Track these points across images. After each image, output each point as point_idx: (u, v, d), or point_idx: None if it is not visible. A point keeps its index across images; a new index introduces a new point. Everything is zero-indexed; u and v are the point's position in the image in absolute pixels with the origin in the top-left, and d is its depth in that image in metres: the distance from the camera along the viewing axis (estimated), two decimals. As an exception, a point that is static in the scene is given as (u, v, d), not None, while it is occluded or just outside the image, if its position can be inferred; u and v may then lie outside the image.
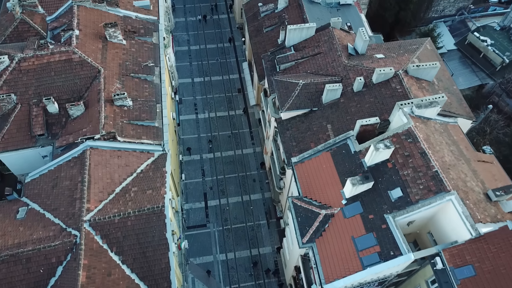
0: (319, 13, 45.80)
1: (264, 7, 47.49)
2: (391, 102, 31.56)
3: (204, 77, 57.61)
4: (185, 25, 63.41)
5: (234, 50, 60.19)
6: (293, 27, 37.46)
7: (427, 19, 57.52)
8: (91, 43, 34.10)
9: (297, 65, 37.62)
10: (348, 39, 38.41)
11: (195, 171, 48.76)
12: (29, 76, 31.99)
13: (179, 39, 61.48)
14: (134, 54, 35.96)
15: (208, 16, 64.40)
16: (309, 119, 34.33)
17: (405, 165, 27.22)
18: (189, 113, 53.78)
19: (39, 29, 39.79)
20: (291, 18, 44.95)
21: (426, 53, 36.96)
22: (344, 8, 47.68)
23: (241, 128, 52.82)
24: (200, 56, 59.69)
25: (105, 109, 30.87)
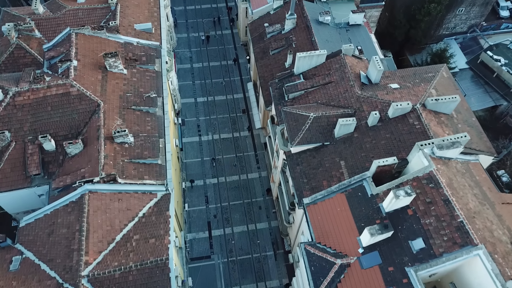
0: (328, 35, 43.97)
1: (271, 27, 45.66)
2: (409, 139, 29.71)
3: (208, 96, 55.74)
4: (187, 41, 61.56)
5: (238, 68, 58.29)
6: (303, 54, 35.60)
7: (437, 36, 55.71)
8: (90, 74, 32.25)
9: (307, 94, 35.77)
10: (360, 66, 36.57)
11: (199, 198, 46.86)
12: (24, 112, 30.14)
13: (181, 56, 59.63)
14: (135, 84, 34.11)
15: (212, 32, 62.57)
16: (320, 154, 32.46)
17: (427, 213, 25.34)
18: (192, 135, 51.89)
19: (35, 54, 37.98)
20: (299, 40, 43.12)
21: (443, 82, 35.12)
22: (354, 28, 45.88)
23: (246, 151, 50.94)
24: (203, 74, 57.83)
25: (104, 147, 29.01)
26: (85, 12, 40.52)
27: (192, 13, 65.24)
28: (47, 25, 40.01)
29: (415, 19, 51.24)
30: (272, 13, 47.14)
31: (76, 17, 40.42)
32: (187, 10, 65.78)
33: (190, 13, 65.31)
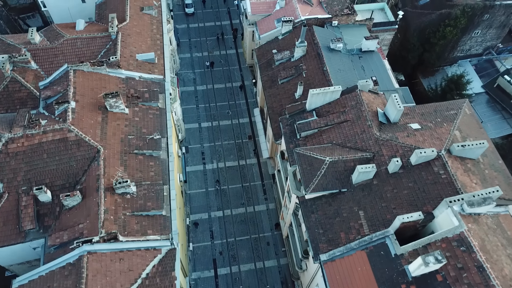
0: (340, 63, 41.72)
1: (279, 54, 43.43)
2: (434, 190, 27.43)
3: (212, 121, 53.50)
4: (190, 61, 59.34)
5: (244, 92, 55.98)
6: (316, 91, 33.35)
7: (451, 58, 53.49)
8: (89, 116, 30.00)
9: (321, 133, 33.52)
10: (377, 103, 34.33)
11: (203, 233, 44.57)
12: (18, 160, 27.89)
13: (184, 78, 57.42)
14: (138, 125, 31.86)
15: (216, 52, 60.33)
16: (337, 202, 30.19)
17: (458, 280, 23.07)
18: (196, 163, 49.64)
19: (31, 88, 35.82)
20: (309, 69, 40.88)
21: (466, 121, 32.85)
22: (367, 55, 43.64)
23: (253, 181, 48.69)
24: (207, 97, 55.59)
25: (104, 200, 26.75)
26: (84, 41, 38.33)
27: (195, 32, 63.05)
28: (44, 55, 37.84)
29: (429, 42, 49.05)
30: (280, 38, 44.91)
31: (74, 47, 38.25)
32: (190, 28, 63.60)
33: (193, 31, 63.12)
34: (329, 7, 46.27)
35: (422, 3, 49.57)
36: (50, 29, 40.85)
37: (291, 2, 46.28)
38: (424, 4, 49.40)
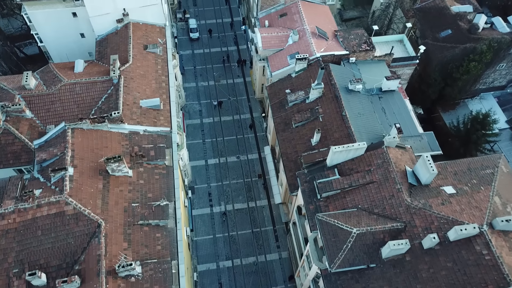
0: (360, 106, 38.72)
1: (293, 95, 40.37)
2: (477, 274, 24.40)
3: (219, 157, 50.43)
4: (196, 92, 56.31)
5: (253, 127, 52.73)
6: (339, 149, 30.29)
7: (473, 91, 50.47)
8: (89, 184, 26.94)
9: (344, 194, 30.46)
10: (405, 159, 31.28)
11: (211, 286, 41.49)
12: (9, 239, 24.85)
13: (189, 109, 54.38)
14: (142, 189, 28.80)
15: (222, 81, 57.31)
16: (365, 279, 27.11)
17: None
18: (202, 206, 46.54)
19: (26, 140, 32.82)
20: (327, 113, 37.86)
21: (504, 181, 29.82)
22: (387, 95, 40.64)
23: (263, 225, 45.59)
24: (214, 131, 52.51)
25: (106, 286, 23.67)
26: (83, 86, 35.31)
27: (200, 58, 60.01)
28: (40, 103, 34.82)
29: (451, 76, 46.02)
30: (294, 76, 41.89)
31: (73, 93, 35.23)
32: (195, 54, 60.57)
33: (199, 58, 60.08)
34: (346, 42, 43.25)
35: (444, 35, 46.54)
36: (46, 69, 37.83)
37: (305, 36, 43.25)
38: (445, 36, 46.38)
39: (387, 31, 55.57)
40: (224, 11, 66.10)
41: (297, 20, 45.18)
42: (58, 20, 40.32)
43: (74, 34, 42.12)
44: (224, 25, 64.34)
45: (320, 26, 44.75)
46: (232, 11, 66.18)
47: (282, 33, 44.37)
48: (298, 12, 45.67)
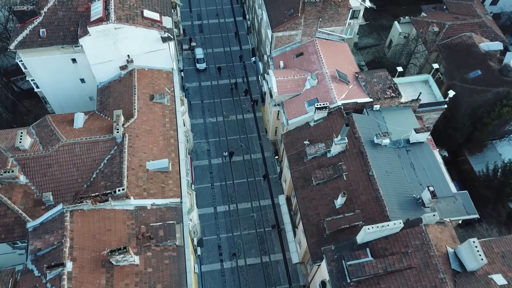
0: (387, 162, 35.29)
1: (312, 147, 36.88)
2: None
3: (229, 204, 46.97)
4: (203, 128, 52.90)
5: (266, 174, 49.14)
6: (372, 230, 26.80)
7: (501, 132, 47.03)
8: (90, 280, 23.46)
9: (378, 280, 26.95)
10: (444, 237, 27.85)
11: None
12: None
13: (197, 149, 50.95)
14: (151, 279, 25.33)
15: (232, 116, 53.90)
16: None
17: None
18: (212, 261, 43.06)
19: (19, 211, 29.39)
20: (351, 171, 34.40)
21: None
22: (415, 147, 37.19)
23: (279, 283, 42.11)
24: (223, 173, 49.08)
25: None
26: (83, 147, 31.88)
27: (208, 91, 56.60)
28: (36, 166, 31.35)
29: (481, 121, 42.60)
30: (312, 125, 38.46)
31: (72, 154, 31.77)
32: (202, 87, 57.19)
33: (206, 91, 56.67)
34: (369, 86, 39.82)
35: (473, 76, 43.13)
36: (43, 123, 34.40)
37: (324, 80, 39.85)
38: (475, 78, 42.97)
39: (407, 65, 52.15)
40: (232, 39, 62.74)
41: (315, 61, 41.77)
42: (56, 66, 36.96)
43: (73, 79, 38.75)
44: (233, 54, 60.96)
45: (339, 67, 41.35)
46: (240, 39, 62.81)
47: (299, 76, 40.94)
48: (316, 52, 42.27)
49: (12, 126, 44.93)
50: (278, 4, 43.52)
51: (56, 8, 35.19)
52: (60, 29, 35.12)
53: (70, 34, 35.17)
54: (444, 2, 54.84)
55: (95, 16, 33.66)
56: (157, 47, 36.47)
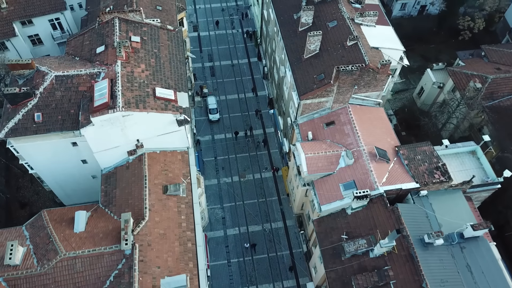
0: (440, 265, 30.28)
1: (352, 244, 31.56)
2: None
3: (249, 286, 41.78)
4: (217, 191, 47.75)
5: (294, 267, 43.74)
6: None
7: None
8: None
9: None
10: None
11: None
12: None
13: (211, 216, 45.79)
14: None
15: (248, 176, 48.80)
16: None
17: None
18: None
19: None
20: (400, 279, 29.25)
21: None
22: (470, 244, 32.07)
23: None
24: (240, 247, 43.86)
25: None
26: (85, 261, 26.73)
27: (222, 146, 51.46)
28: (29, 287, 26.24)
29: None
30: (350, 213, 33.33)
31: (72, 271, 26.61)
32: (216, 141, 52.08)
33: (220, 145, 51.54)
34: (413, 166, 34.59)
35: (528, 148, 38.06)
36: (38, 223, 29.35)
37: (361, 159, 34.72)
38: (531, 150, 37.91)
39: (444, 126, 47.01)
40: (246, 83, 57.65)
41: (349, 133, 36.64)
42: (54, 151, 31.90)
43: (74, 161, 33.68)
44: (248, 101, 55.87)
45: (377, 140, 36.25)
46: (255, 83, 57.69)
47: (331, 151, 35.79)
48: (350, 122, 37.13)
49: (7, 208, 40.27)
50: (306, 65, 38.38)
51: (53, 88, 30.07)
52: (58, 112, 30.02)
53: (70, 118, 30.08)
54: (482, 48, 49.72)
55: (100, 100, 28.55)
56: (172, 129, 31.35)
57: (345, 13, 39.03)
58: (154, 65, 32.22)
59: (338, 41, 37.96)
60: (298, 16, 41.43)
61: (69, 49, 34.30)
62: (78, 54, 33.29)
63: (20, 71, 30.85)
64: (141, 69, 31.27)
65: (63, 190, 37.16)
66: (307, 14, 39.18)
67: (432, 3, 61.99)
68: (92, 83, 30.16)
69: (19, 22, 40.01)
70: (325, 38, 38.19)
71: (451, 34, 60.63)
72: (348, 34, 37.63)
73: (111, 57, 30.98)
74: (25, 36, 41.58)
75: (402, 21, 64.74)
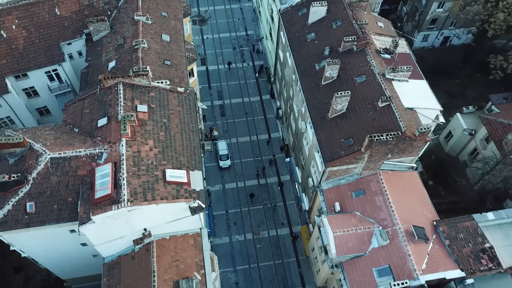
0: None
1: None
2: None
3: None
4: (229, 251, 43.67)
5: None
6: None
7: None
8: None
9: None
10: None
11: None
12: None
13: (223, 281, 41.76)
14: None
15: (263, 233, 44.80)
16: None
17: None
18: None
19: None
20: None
21: None
22: None
23: None
24: (256, 317, 39.99)
25: None
26: None
27: (233, 196, 47.54)
28: None
29: None
30: (385, 304, 29.31)
31: None
32: (227, 190, 48.05)
33: (231, 196, 47.54)
34: (455, 247, 30.53)
35: None
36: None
37: (397, 239, 30.66)
38: None
39: (478, 182, 42.96)
40: (259, 123, 53.65)
41: (381, 205, 32.56)
42: (50, 239, 27.92)
43: (72, 245, 29.70)
44: (260, 143, 51.88)
45: (413, 214, 32.25)
46: (268, 123, 53.70)
47: (362, 229, 31.71)
48: (381, 192, 33.05)
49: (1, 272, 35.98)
50: (331, 126, 34.30)
51: (48, 172, 26.08)
52: (54, 201, 26.03)
53: (67, 207, 26.10)
54: (517, 92, 45.79)
55: (101, 191, 24.54)
56: (184, 215, 27.35)
57: (374, 68, 34.94)
58: (164, 140, 28.23)
59: (368, 99, 33.90)
60: (320, 67, 37.40)
61: (67, 117, 30.32)
62: (77, 124, 29.31)
63: (11, 150, 26.93)
64: (149, 147, 27.28)
65: (60, 268, 33.24)
66: (332, 68, 35.15)
67: (457, 36, 57.90)
68: (93, 166, 26.20)
69: (12, 76, 36.08)
70: (353, 95, 34.08)
71: (477, 68, 56.58)
72: (378, 92, 33.60)
73: (114, 134, 27.00)
74: (19, 89, 37.63)
75: (424, 53, 60.83)
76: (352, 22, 38.25)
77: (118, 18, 37.53)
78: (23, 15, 35.94)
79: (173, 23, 37.95)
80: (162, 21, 37.15)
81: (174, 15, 38.72)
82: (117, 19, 37.61)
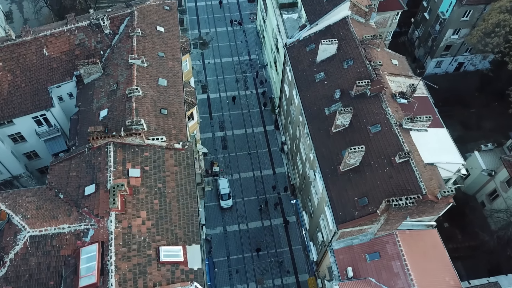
0: None
1: None
2: None
3: None
4: None
5: None
6: None
7: None
8: None
9: None
10: None
11: None
12: None
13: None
14: None
15: (266, 280, 41.82)
16: None
17: None
18: None
19: None
20: None
21: None
22: None
23: None
24: None
25: None
26: None
27: (235, 240, 44.54)
28: None
29: None
30: None
31: None
32: (228, 234, 45.10)
33: (233, 240, 44.56)
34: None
35: None
36: None
37: (417, 313, 27.68)
38: None
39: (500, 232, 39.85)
40: (262, 157, 50.67)
41: (399, 272, 29.47)
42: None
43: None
44: (264, 181, 48.87)
45: (434, 282, 29.19)
46: (272, 157, 50.74)
47: (378, 300, 28.73)
48: (399, 256, 29.92)
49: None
50: (343, 181, 31.25)
51: (28, 252, 23.17)
52: (34, 285, 22.99)
53: (48, 292, 23.15)
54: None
55: (86, 278, 21.67)
56: (180, 295, 24.34)
57: (390, 116, 31.89)
58: (158, 209, 25.28)
59: (384, 153, 30.83)
60: (330, 112, 34.43)
61: (52, 178, 27.41)
62: (63, 189, 26.40)
63: (-13, 223, 24.05)
64: (142, 220, 24.34)
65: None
66: (344, 117, 32.16)
67: (472, 64, 54.79)
68: (78, 244, 23.27)
69: (-4, 123, 33.30)
70: (367, 147, 31.03)
71: (494, 96, 53.47)
72: (395, 145, 30.55)
73: (102, 206, 24.07)
74: (4, 136, 34.82)
75: (437, 79, 57.50)
76: (365, 62, 35.26)
77: (112, 59, 34.65)
78: (7, 57, 33.13)
79: (171, 63, 35.00)
80: (159, 63, 34.23)
81: (172, 54, 35.78)
82: (110, 59, 34.73)
